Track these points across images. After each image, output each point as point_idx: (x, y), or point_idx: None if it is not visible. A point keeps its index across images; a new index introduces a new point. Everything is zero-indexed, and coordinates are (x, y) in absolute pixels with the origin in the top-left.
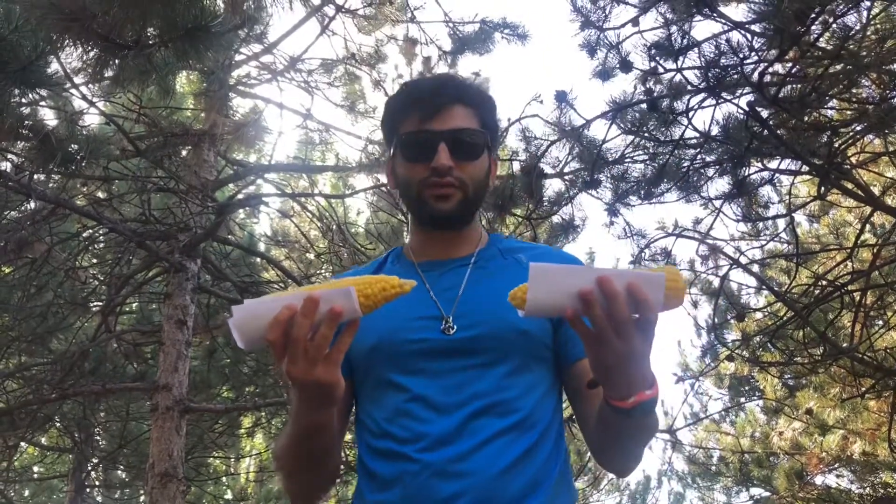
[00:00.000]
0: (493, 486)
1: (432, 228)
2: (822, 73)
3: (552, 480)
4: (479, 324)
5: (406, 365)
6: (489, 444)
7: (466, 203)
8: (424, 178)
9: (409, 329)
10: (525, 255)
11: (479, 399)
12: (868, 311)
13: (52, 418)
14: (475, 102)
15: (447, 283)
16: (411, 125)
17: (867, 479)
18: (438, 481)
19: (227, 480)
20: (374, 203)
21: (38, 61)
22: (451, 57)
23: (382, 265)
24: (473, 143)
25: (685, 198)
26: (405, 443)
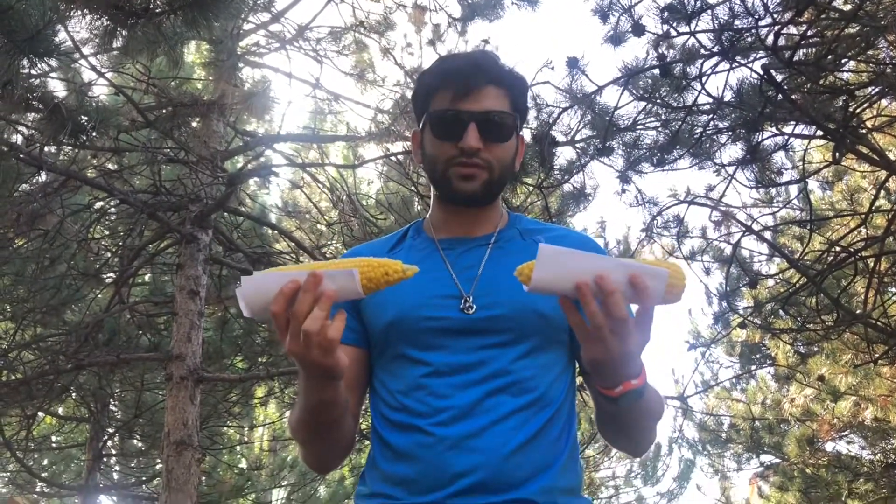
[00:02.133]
0: (505, 462)
1: (454, 206)
2: (839, 34)
3: (562, 459)
4: (498, 304)
5: (424, 341)
6: (503, 422)
7: (491, 184)
8: (452, 157)
9: (428, 306)
10: (544, 236)
11: (496, 377)
12: (882, 277)
13: (69, 388)
14: (507, 84)
15: (467, 262)
16: (443, 102)
17: (878, 446)
18: (452, 455)
19: (241, 449)
20: (385, 173)
21: (46, 30)
22: (460, 24)
23: (402, 239)
24: (503, 125)
25: (698, 164)
26: (421, 416)
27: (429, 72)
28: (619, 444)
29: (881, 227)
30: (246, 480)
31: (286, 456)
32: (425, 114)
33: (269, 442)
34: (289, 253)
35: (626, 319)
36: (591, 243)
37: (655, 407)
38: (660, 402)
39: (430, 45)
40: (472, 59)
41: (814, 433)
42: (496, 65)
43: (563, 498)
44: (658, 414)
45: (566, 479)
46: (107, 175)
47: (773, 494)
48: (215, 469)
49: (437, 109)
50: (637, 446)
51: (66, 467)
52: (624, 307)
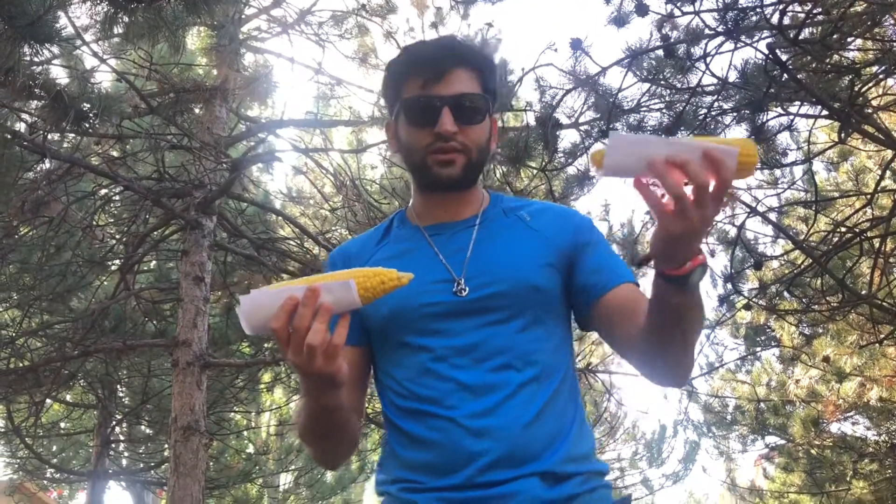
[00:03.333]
0: (521, 436)
1: (436, 192)
2: (845, 12)
3: (572, 428)
4: (491, 283)
5: (423, 327)
6: (513, 398)
7: (470, 167)
8: (429, 144)
9: (422, 293)
10: (526, 211)
11: (499, 355)
12: (887, 257)
13: (76, 375)
14: (477, 65)
15: (455, 246)
16: (414, 89)
17: (883, 426)
18: (468, 436)
19: (248, 434)
20: (388, 157)
21: (46, 16)
22: (462, 7)
23: (388, 230)
24: (476, 107)
25: None
26: (431, 401)
27: (397, 61)
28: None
29: (887, 207)
30: (253, 465)
31: (293, 440)
32: (397, 102)
33: (276, 427)
34: (293, 238)
35: (706, 186)
36: (571, 214)
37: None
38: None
39: (433, 29)
40: (439, 44)
41: (819, 414)
42: (464, 47)
43: (581, 465)
44: (704, 317)
45: (580, 445)
46: (110, 162)
47: (778, 475)
48: (223, 454)
49: (409, 97)
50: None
51: (75, 453)
52: (702, 173)
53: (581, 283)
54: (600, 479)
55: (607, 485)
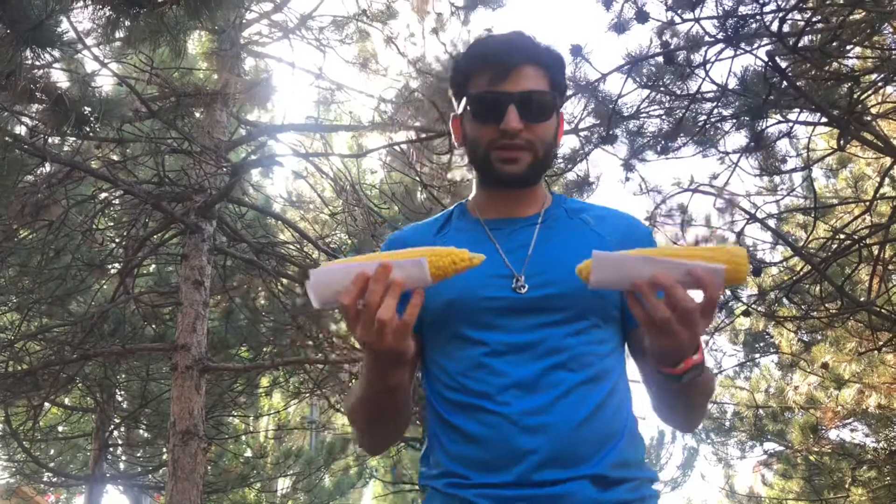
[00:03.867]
0: (570, 438)
1: (498, 188)
2: (844, 20)
3: (624, 433)
4: (551, 283)
5: (480, 320)
6: (566, 398)
7: (535, 164)
8: (493, 140)
9: (482, 286)
10: (589, 214)
11: (554, 354)
12: (886, 264)
13: (74, 379)
14: (545, 62)
15: (516, 242)
16: (481, 85)
17: (882, 433)
18: (520, 432)
19: (246, 438)
20: (388, 162)
21: (49, 20)
22: (463, 12)
23: (448, 221)
24: (544, 104)
25: (702, 152)
26: (483, 396)
27: (465, 55)
28: (673, 421)
29: (886, 214)
30: (251, 469)
31: (291, 445)
32: (464, 97)
33: (274, 431)
34: (293, 243)
35: (693, 310)
36: (634, 224)
37: (710, 383)
38: (712, 379)
39: (433, 34)
40: (508, 40)
41: (817, 421)
42: (533, 44)
43: (632, 470)
44: (711, 390)
45: (632, 451)
46: (111, 166)
47: (776, 482)
48: (221, 458)
49: (475, 92)
50: (690, 423)
51: (73, 457)
52: (688, 298)
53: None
54: (650, 487)
55: (656, 493)
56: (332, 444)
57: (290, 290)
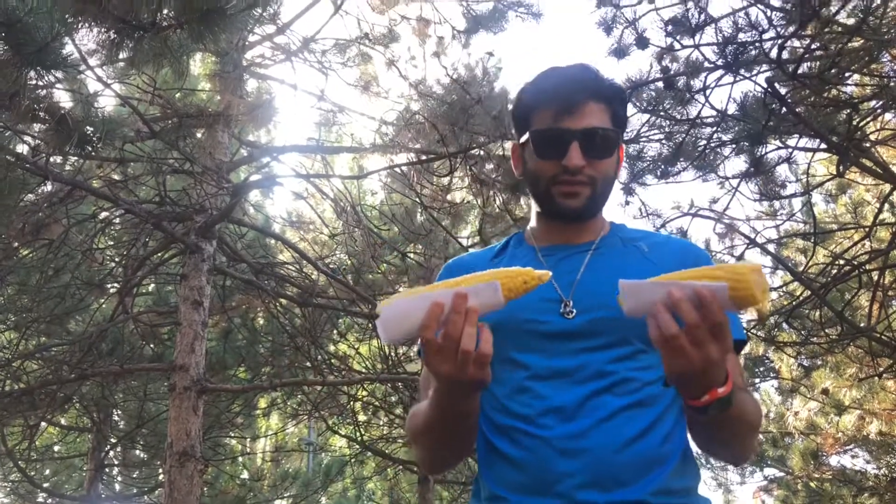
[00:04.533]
0: (612, 461)
1: (557, 221)
2: (842, 48)
3: (674, 460)
4: (598, 307)
5: (527, 343)
6: (608, 422)
7: (594, 199)
8: (555, 175)
9: (529, 309)
10: (645, 243)
11: (599, 378)
12: (886, 290)
13: (72, 398)
14: (607, 98)
15: (567, 268)
16: (545, 120)
17: (883, 460)
18: (557, 456)
19: (243, 460)
20: (388, 184)
21: (54, 43)
22: (464, 36)
23: (504, 249)
24: (606, 141)
25: (702, 177)
26: (525, 419)
27: (528, 89)
28: (715, 453)
29: (885, 240)
30: (248, 491)
31: (288, 467)
32: (527, 131)
33: (272, 452)
34: (292, 263)
35: (696, 325)
36: (691, 247)
37: (750, 416)
38: (756, 411)
39: (435, 58)
40: (571, 76)
41: (818, 447)
42: (596, 79)
43: (679, 498)
44: (754, 423)
45: (680, 479)
46: (112, 185)
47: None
48: (217, 480)
49: (538, 128)
50: (734, 456)
51: (69, 477)
52: (692, 313)
53: None
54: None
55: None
56: (330, 467)
57: (289, 311)
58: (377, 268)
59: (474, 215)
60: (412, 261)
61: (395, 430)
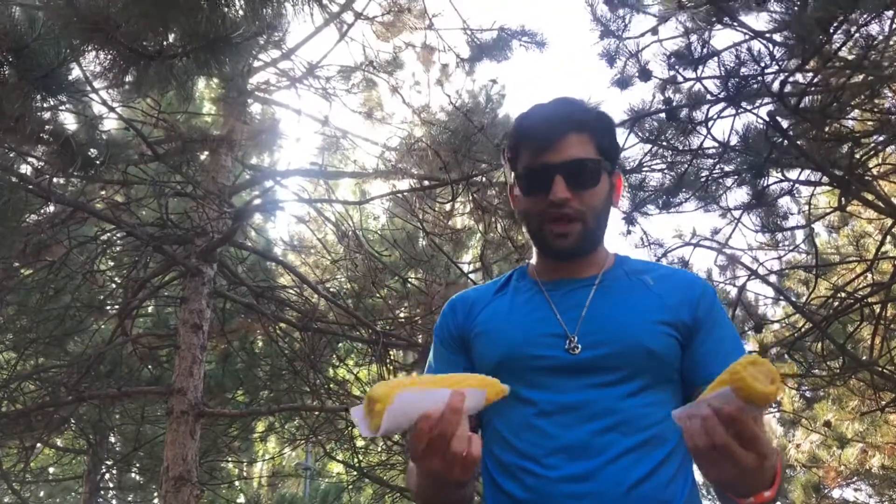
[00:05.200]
0: (620, 503)
1: (556, 261)
2: (844, 83)
3: (681, 499)
4: (605, 343)
5: (531, 380)
6: (615, 462)
7: (587, 233)
8: (543, 211)
9: (534, 345)
10: (650, 276)
11: (606, 416)
12: (888, 323)
13: (68, 420)
14: (590, 128)
15: (571, 303)
16: (527, 159)
17: (886, 494)
18: (565, 499)
19: (240, 484)
20: (390, 209)
21: (60, 68)
22: (468, 64)
23: (507, 283)
24: (590, 171)
25: (703, 207)
26: (531, 459)
27: (512, 131)
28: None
29: (887, 273)
30: None
31: (285, 492)
32: (513, 172)
33: (269, 477)
34: (293, 287)
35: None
36: (694, 284)
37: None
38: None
39: (438, 85)
40: (550, 111)
41: (820, 480)
42: (575, 111)
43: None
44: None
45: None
46: (114, 207)
47: None
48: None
49: (522, 167)
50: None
51: (63, 500)
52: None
53: (688, 365)
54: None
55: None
56: (327, 493)
57: (289, 335)
58: (378, 293)
59: (476, 241)
60: (413, 286)
61: (393, 457)
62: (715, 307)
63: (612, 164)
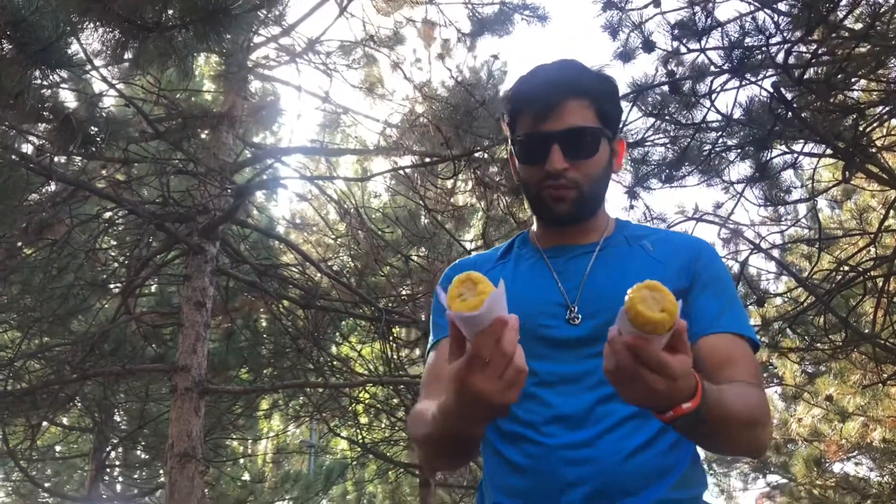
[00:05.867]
0: (618, 470)
1: (554, 226)
2: (849, 53)
3: (682, 468)
4: (602, 312)
5: (532, 350)
6: (615, 430)
7: (582, 201)
8: (541, 180)
9: (536, 315)
10: (650, 240)
11: (605, 385)
12: (891, 297)
13: (73, 398)
14: (590, 94)
15: (572, 270)
16: (525, 126)
17: (887, 467)
18: (563, 466)
19: (244, 461)
20: (392, 186)
21: (59, 42)
22: (469, 39)
23: (509, 250)
24: (589, 139)
25: (706, 181)
26: (531, 427)
27: (510, 94)
28: (716, 451)
29: (890, 246)
30: (249, 493)
31: (289, 469)
32: (512, 138)
33: (273, 454)
34: (295, 265)
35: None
36: (694, 245)
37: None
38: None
39: (439, 60)
40: (550, 75)
41: (821, 454)
42: (577, 74)
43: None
44: (749, 419)
45: (688, 487)
46: (116, 185)
47: None
48: (219, 481)
49: (520, 135)
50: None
51: (70, 477)
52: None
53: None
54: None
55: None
56: (331, 469)
57: (292, 313)
58: (380, 270)
59: (478, 218)
60: (415, 263)
61: (396, 433)
62: (712, 266)
63: (613, 130)
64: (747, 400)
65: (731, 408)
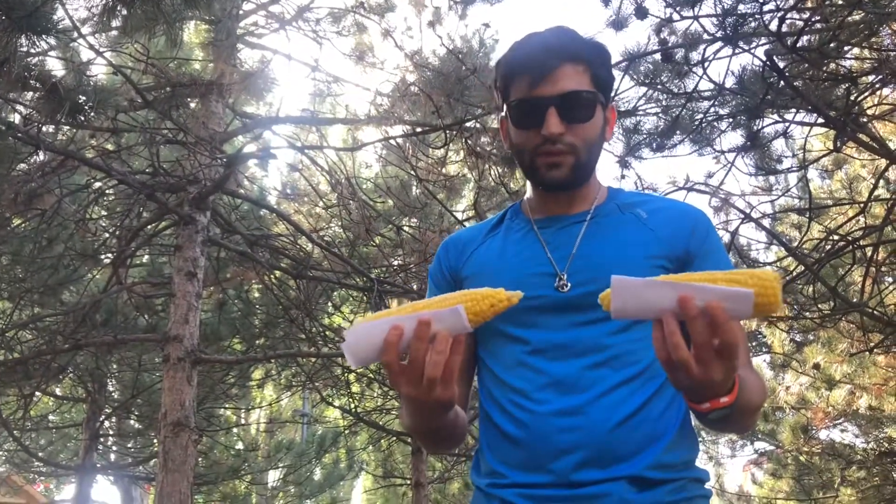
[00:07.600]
0: (610, 437)
1: (548, 193)
2: (843, 21)
3: (672, 433)
4: (594, 280)
5: (522, 318)
6: (607, 396)
7: (579, 166)
8: (536, 145)
9: (524, 285)
10: (643, 208)
11: (596, 352)
12: (879, 266)
13: (66, 368)
14: (585, 58)
15: (562, 240)
16: (520, 91)
17: (872, 434)
18: (556, 433)
19: (238, 431)
20: (384, 156)
21: (44, 7)
22: (461, 6)
23: (500, 222)
24: (584, 104)
25: (698, 151)
26: (521, 394)
27: (505, 60)
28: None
29: (880, 216)
30: (242, 461)
31: (282, 438)
32: (505, 103)
33: (266, 424)
34: (287, 235)
35: (709, 346)
36: (689, 214)
37: (754, 403)
38: (759, 392)
39: (431, 28)
40: (545, 40)
41: (808, 421)
42: (571, 41)
43: (677, 471)
44: (758, 406)
45: (679, 452)
46: (105, 155)
47: (766, 481)
48: (212, 450)
49: (515, 99)
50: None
51: (63, 447)
52: (704, 332)
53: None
54: (699, 487)
55: (706, 493)
56: (323, 438)
57: (284, 283)
58: (372, 240)
59: (469, 188)
60: (407, 234)
61: (388, 402)
62: (709, 237)
63: (606, 97)
64: (757, 387)
65: (750, 400)
